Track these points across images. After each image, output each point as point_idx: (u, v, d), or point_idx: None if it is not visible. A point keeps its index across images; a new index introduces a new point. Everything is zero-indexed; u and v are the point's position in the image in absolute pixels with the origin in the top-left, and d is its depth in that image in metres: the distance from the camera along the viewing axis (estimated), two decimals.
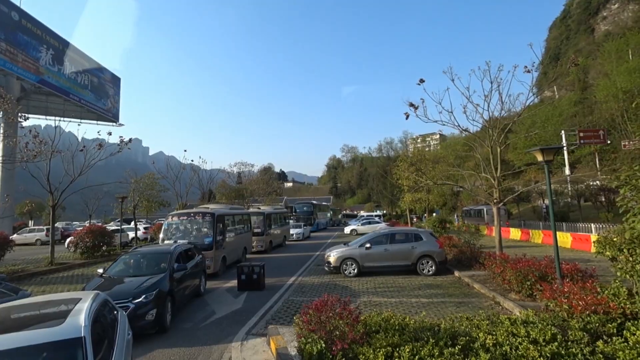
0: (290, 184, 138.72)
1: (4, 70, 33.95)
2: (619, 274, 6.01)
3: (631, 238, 5.64)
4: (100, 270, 8.58)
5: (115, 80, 52.06)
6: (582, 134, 31.10)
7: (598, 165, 33.71)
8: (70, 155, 16.98)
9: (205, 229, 14.00)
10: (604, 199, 24.24)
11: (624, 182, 5.75)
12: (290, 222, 31.31)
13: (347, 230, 34.62)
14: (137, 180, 27.55)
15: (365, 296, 9.66)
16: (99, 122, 47.70)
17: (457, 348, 4.34)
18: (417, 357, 4.27)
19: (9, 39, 34.15)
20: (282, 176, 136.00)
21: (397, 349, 4.47)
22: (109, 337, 3.85)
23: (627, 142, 28.10)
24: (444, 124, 12.15)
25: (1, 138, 19.80)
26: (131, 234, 26.26)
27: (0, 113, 18.87)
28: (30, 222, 45.91)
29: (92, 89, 46.58)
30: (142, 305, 6.81)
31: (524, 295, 8.28)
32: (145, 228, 29.13)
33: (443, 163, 30.13)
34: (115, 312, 4.67)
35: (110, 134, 17.82)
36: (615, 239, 6.40)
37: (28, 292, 7.39)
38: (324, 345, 4.78)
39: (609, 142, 31.85)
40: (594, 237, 15.62)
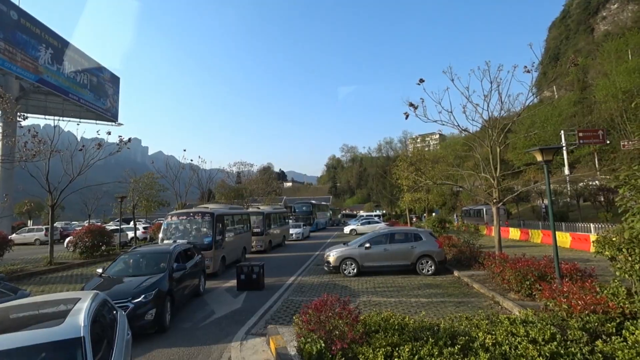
0: (289, 184, 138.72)
1: (3, 69, 33.88)
2: (618, 273, 6.01)
3: (630, 238, 5.65)
4: (100, 270, 8.57)
5: (115, 80, 52.00)
6: (581, 134, 31.14)
7: (597, 165, 33.75)
8: (70, 154, 16.95)
9: (205, 229, 13.99)
10: (603, 199, 24.27)
11: (623, 182, 5.76)
12: (289, 222, 31.31)
13: (347, 230, 34.65)
14: (137, 180, 27.57)
15: (364, 296, 9.66)
16: (98, 122, 47.69)
17: (456, 348, 4.34)
18: (416, 356, 4.27)
19: (8, 38, 34.08)
20: (282, 176, 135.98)
21: (397, 349, 4.48)
22: (108, 337, 3.85)
23: (627, 142, 28.11)
24: (443, 124, 12.16)
25: (0, 137, 19.76)
26: (130, 234, 26.26)
27: None
28: (29, 221, 45.86)
29: (92, 89, 46.53)
30: (141, 305, 6.81)
31: (523, 295, 8.29)
32: (144, 228, 29.13)
33: (442, 163, 30.23)
34: (115, 312, 4.67)
35: (109, 133, 17.82)
36: (614, 239, 6.40)
37: (27, 292, 7.38)
38: (323, 344, 4.78)
39: (608, 142, 31.87)
40: (593, 237, 15.64)
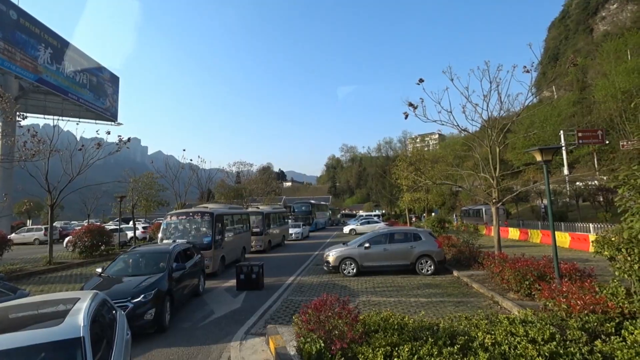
0: (289, 184, 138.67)
1: (2, 69, 33.84)
2: (617, 273, 6.01)
3: (629, 238, 5.64)
4: (99, 270, 8.56)
5: (114, 80, 51.95)
6: (580, 134, 31.17)
7: (596, 165, 33.78)
8: (69, 154, 16.93)
9: (204, 229, 13.98)
10: (602, 199, 24.29)
11: (622, 182, 5.75)
12: (289, 221, 31.30)
13: (346, 229, 34.67)
14: (136, 180, 27.53)
15: (364, 296, 9.66)
16: (98, 122, 47.67)
17: (456, 347, 4.35)
18: (416, 356, 4.27)
19: (7, 38, 34.04)
20: (281, 176, 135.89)
21: (396, 349, 4.48)
22: (107, 337, 3.84)
23: (626, 142, 28.13)
24: (443, 124, 12.16)
25: None
26: (130, 234, 26.24)
27: None
28: (28, 221, 45.83)
29: (91, 88, 46.49)
30: (140, 305, 6.80)
31: (523, 295, 8.30)
32: (144, 227, 29.12)
33: (442, 163, 30.24)
34: (114, 312, 4.66)
35: (108, 133, 17.82)
36: (613, 239, 6.40)
37: (26, 292, 7.37)
38: (323, 344, 4.78)
39: (607, 142, 31.90)
40: (592, 236, 15.66)
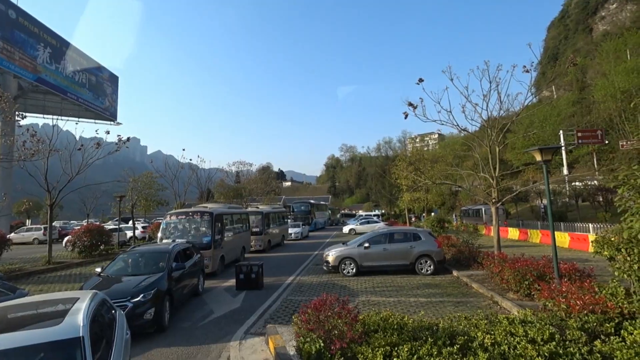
0: (288, 184, 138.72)
1: (1, 68, 33.76)
2: (616, 273, 6.02)
3: (629, 238, 5.65)
4: (98, 270, 8.56)
5: (113, 79, 51.88)
6: (580, 134, 31.19)
7: (596, 165, 33.80)
8: (68, 154, 16.91)
9: (204, 228, 13.97)
10: (601, 199, 24.33)
11: (622, 182, 5.76)
12: (288, 221, 31.30)
13: (346, 229, 34.68)
14: (135, 179, 27.51)
15: (363, 295, 9.66)
16: (97, 121, 47.53)
17: (455, 347, 4.35)
18: (415, 356, 4.27)
19: (6, 37, 33.96)
20: (281, 175, 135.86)
21: (396, 348, 4.48)
22: (107, 336, 3.84)
23: (625, 142, 28.15)
24: (442, 124, 12.18)
25: None
26: (129, 233, 26.22)
27: None
28: (27, 221, 45.80)
29: (90, 88, 46.41)
30: (140, 305, 6.80)
31: (522, 295, 8.30)
32: (143, 227, 29.09)
33: (442, 163, 30.27)
34: (113, 312, 4.66)
35: (108, 132, 17.80)
36: (613, 239, 6.41)
37: (25, 291, 7.36)
38: (322, 344, 4.78)
39: (606, 142, 31.93)
40: (591, 236, 15.67)
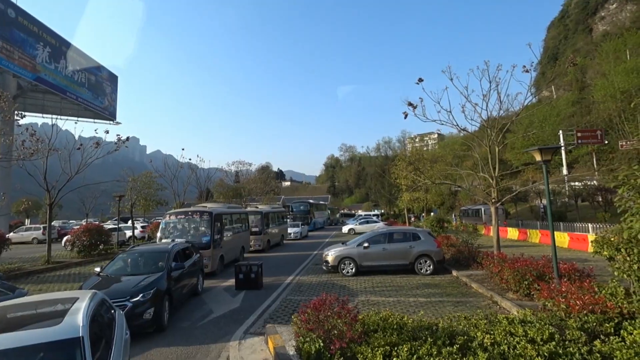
0: (288, 183, 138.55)
1: (1, 67, 33.68)
2: (616, 273, 6.02)
3: (629, 238, 5.65)
4: (98, 269, 8.55)
5: (113, 79, 51.81)
6: (579, 134, 31.24)
7: (595, 165, 33.84)
8: (67, 153, 16.89)
9: (203, 228, 13.96)
10: (601, 199, 24.36)
11: (622, 182, 5.76)
12: (287, 221, 31.30)
13: (345, 229, 34.68)
14: (135, 179, 27.46)
15: (363, 295, 9.66)
16: (96, 121, 47.43)
17: (455, 347, 4.34)
18: (415, 356, 4.27)
19: (5, 36, 33.89)
20: (280, 175, 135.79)
21: (395, 348, 4.47)
22: (106, 336, 3.83)
23: (625, 142, 28.19)
24: (442, 124, 12.19)
25: None
26: (128, 233, 26.19)
27: None
28: (26, 220, 45.69)
29: (89, 87, 46.34)
30: (139, 304, 6.79)
31: (522, 295, 8.30)
32: (142, 227, 29.06)
33: (441, 162, 30.25)
34: (113, 311, 4.64)
35: (107, 132, 17.79)
36: (612, 239, 6.41)
37: (25, 291, 7.35)
38: (322, 344, 4.78)
39: (606, 142, 31.97)
40: (591, 236, 15.69)
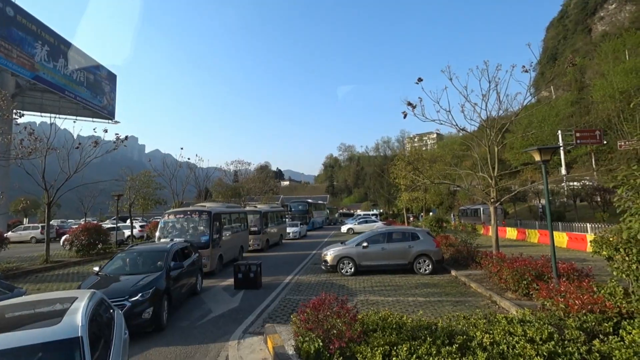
0: (286, 183, 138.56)
1: None
2: (615, 273, 6.03)
3: (628, 238, 5.66)
4: (96, 269, 8.52)
5: (111, 78, 51.70)
6: (578, 134, 31.31)
7: (594, 166, 33.92)
8: (66, 152, 16.85)
9: (202, 228, 13.93)
10: (599, 199, 24.41)
11: (621, 182, 5.77)
12: (286, 220, 31.29)
13: (344, 229, 34.72)
14: (133, 178, 27.44)
15: (362, 295, 9.66)
16: (95, 120, 47.34)
17: (454, 347, 4.35)
18: (414, 355, 4.27)
19: (4, 35, 33.79)
20: (279, 175, 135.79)
21: (395, 348, 4.47)
22: (105, 336, 3.82)
23: (623, 143, 28.26)
24: (441, 123, 12.21)
25: None
26: (127, 232, 26.13)
27: None
28: (25, 219, 45.54)
29: (88, 86, 46.23)
30: (138, 304, 6.77)
31: (521, 295, 8.31)
32: (141, 226, 29.01)
33: (440, 162, 30.28)
34: (112, 311, 4.63)
35: (106, 131, 17.79)
36: (611, 239, 6.42)
37: (23, 290, 7.32)
38: (321, 343, 4.78)
39: (605, 142, 32.07)
40: (589, 236, 15.71)
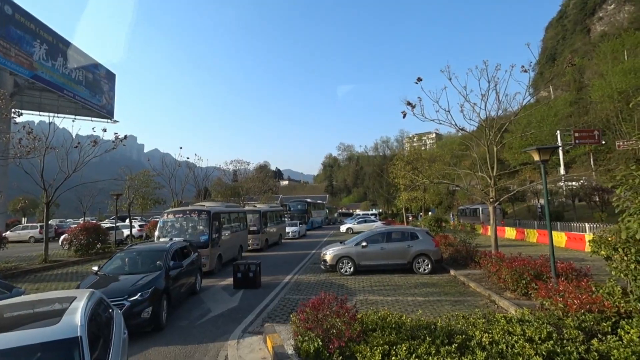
0: (286, 182, 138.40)
1: None
2: (613, 273, 6.05)
3: (626, 237, 5.68)
4: (95, 268, 8.51)
5: (110, 77, 51.57)
6: (577, 134, 31.38)
7: (593, 165, 34.00)
8: (65, 151, 16.82)
9: (201, 227, 13.92)
10: (598, 199, 24.47)
11: (620, 182, 5.78)
12: (285, 220, 31.30)
13: (343, 228, 34.74)
14: (132, 178, 27.42)
15: (361, 294, 9.67)
16: (94, 119, 47.22)
17: (453, 346, 4.35)
18: (413, 355, 4.28)
19: (2, 34, 33.66)
20: (278, 174, 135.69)
21: (394, 347, 4.48)
22: (104, 336, 3.81)
23: (622, 143, 28.35)
24: (441, 123, 12.22)
25: None
26: (126, 232, 26.09)
27: None
28: (23, 219, 45.46)
29: (87, 85, 46.10)
30: (137, 303, 6.76)
31: (520, 294, 8.33)
32: (140, 225, 28.95)
33: (439, 162, 30.32)
34: (111, 311, 4.63)
35: (105, 130, 17.76)
36: (610, 239, 6.44)
37: (22, 290, 7.31)
38: (320, 343, 4.78)
39: (603, 142, 32.15)
40: (588, 236, 15.76)
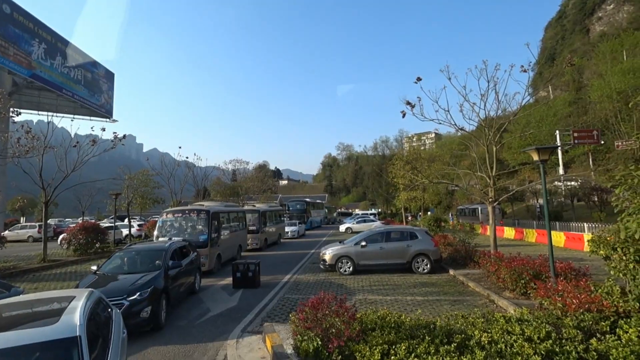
0: (285, 182, 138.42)
1: None
2: (612, 272, 6.06)
3: (625, 237, 5.69)
4: (94, 268, 8.50)
5: (109, 76, 51.45)
6: (576, 134, 31.40)
7: (592, 165, 34.07)
8: (63, 151, 16.79)
9: (200, 227, 13.91)
10: (597, 199, 24.51)
11: (619, 182, 5.79)
12: (285, 219, 31.30)
13: (342, 228, 34.74)
14: (131, 177, 27.36)
15: (360, 294, 9.67)
16: (93, 118, 47.07)
17: (452, 346, 4.36)
18: (413, 354, 4.28)
19: (1, 32, 33.57)
20: (277, 174, 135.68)
21: (393, 347, 4.49)
22: (103, 335, 3.81)
23: (621, 143, 28.38)
24: (440, 123, 12.22)
25: None
26: (125, 231, 26.07)
27: None
28: (22, 218, 45.38)
29: (86, 84, 45.98)
30: (136, 303, 6.76)
31: (519, 294, 8.34)
32: (139, 225, 28.92)
33: (439, 162, 30.36)
34: (110, 310, 4.62)
35: (103, 129, 17.74)
36: (609, 238, 6.45)
37: (20, 289, 7.29)
38: (320, 342, 4.78)
39: (602, 142, 32.18)
40: (587, 236, 15.78)
